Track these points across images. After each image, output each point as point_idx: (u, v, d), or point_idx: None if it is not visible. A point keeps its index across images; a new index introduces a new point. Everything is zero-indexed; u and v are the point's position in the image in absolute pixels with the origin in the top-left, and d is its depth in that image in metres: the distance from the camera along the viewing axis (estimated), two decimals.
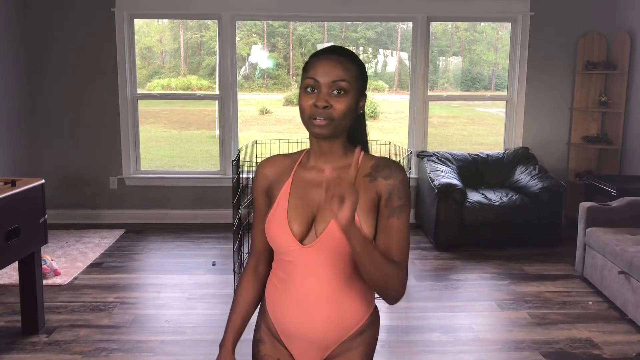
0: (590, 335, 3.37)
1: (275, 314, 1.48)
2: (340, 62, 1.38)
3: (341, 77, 1.36)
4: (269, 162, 1.52)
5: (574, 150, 5.71)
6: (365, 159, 1.45)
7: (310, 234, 1.40)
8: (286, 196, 1.43)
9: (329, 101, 1.36)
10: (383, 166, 1.42)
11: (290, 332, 1.45)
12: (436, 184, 4.92)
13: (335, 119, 1.37)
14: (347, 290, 1.42)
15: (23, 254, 3.15)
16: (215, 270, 4.41)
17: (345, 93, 1.37)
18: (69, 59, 5.47)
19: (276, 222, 1.42)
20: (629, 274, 3.49)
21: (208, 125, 10.48)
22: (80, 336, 3.31)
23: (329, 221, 1.37)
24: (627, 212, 4.12)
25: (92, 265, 4.50)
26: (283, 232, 1.40)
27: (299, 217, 1.40)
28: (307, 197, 1.42)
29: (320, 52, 1.41)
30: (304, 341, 1.44)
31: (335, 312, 1.42)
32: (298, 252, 1.40)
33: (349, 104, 1.38)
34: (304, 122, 1.40)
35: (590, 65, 5.50)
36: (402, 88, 10.72)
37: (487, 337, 3.38)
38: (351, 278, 1.42)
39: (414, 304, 3.82)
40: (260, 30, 9.91)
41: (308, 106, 1.37)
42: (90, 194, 5.68)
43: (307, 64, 1.41)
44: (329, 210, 1.26)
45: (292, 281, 1.43)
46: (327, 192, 1.20)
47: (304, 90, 1.39)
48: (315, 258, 1.39)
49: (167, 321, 3.54)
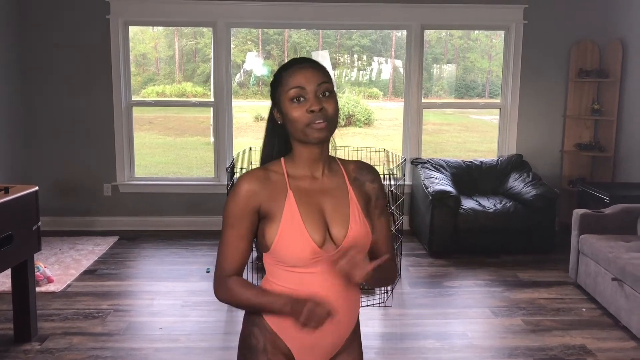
0: (584, 342, 3.38)
1: (288, 329, 1.43)
2: (315, 67, 1.42)
3: (324, 79, 1.41)
4: (252, 177, 1.43)
5: (567, 158, 5.74)
6: (344, 163, 1.53)
7: (327, 241, 1.42)
8: (295, 209, 1.40)
9: (322, 103, 1.39)
10: (366, 170, 1.54)
11: (307, 343, 1.45)
12: (430, 191, 4.93)
13: (330, 119, 1.40)
14: (353, 293, 1.49)
15: (16, 261, 3.13)
16: (209, 277, 4.40)
17: (331, 94, 1.42)
18: (64, 65, 5.47)
19: (295, 236, 1.38)
20: (622, 281, 3.51)
21: (203, 132, 10.46)
22: (74, 344, 3.29)
23: (347, 225, 1.42)
24: (620, 219, 4.14)
25: (86, 272, 4.48)
26: (306, 245, 1.38)
27: (315, 227, 1.41)
28: (315, 206, 1.43)
29: (290, 65, 1.43)
30: (319, 348, 1.46)
31: (349, 316, 1.49)
32: (322, 262, 1.40)
33: (336, 104, 1.43)
34: (298, 132, 1.39)
35: (583, 73, 5.54)
36: (397, 95, 10.75)
37: (481, 344, 3.38)
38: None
39: (408, 311, 3.82)
40: (255, 37, 9.93)
41: (302, 114, 1.38)
42: (84, 200, 5.66)
43: (279, 78, 1.42)
44: (340, 216, 1.43)
45: (311, 292, 1.39)
46: (342, 262, 1.35)
47: (290, 102, 1.39)
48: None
49: (161, 329, 3.52)
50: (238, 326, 3.60)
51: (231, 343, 3.32)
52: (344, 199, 1.46)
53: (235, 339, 3.46)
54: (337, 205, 1.44)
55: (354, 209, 1.45)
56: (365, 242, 1.45)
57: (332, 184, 1.47)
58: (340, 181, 1.48)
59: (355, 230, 1.43)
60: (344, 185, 1.48)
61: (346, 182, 1.48)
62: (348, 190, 1.47)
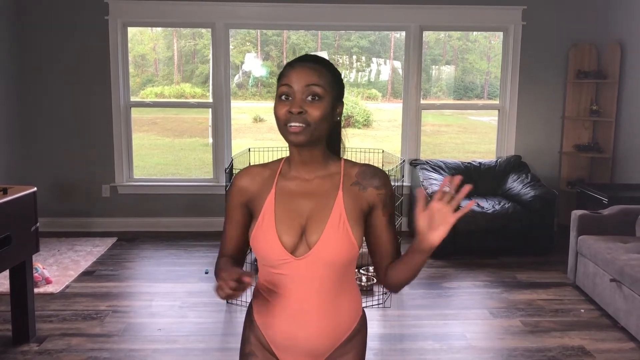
0: (583, 343, 3.38)
1: (266, 326, 1.46)
2: (313, 68, 1.37)
3: (314, 82, 1.35)
4: (246, 173, 1.48)
5: (566, 159, 5.74)
6: (348, 166, 1.46)
7: (301, 245, 1.38)
8: (272, 208, 1.40)
9: (304, 107, 1.34)
10: (370, 175, 1.45)
11: (284, 344, 1.44)
12: (429, 192, 4.93)
13: (311, 124, 1.35)
14: (339, 299, 1.43)
15: (14, 262, 3.13)
16: (207, 278, 4.40)
17: (320, 99, 1.36)
18: (62, 66, 5.47)
19: (265, 235, 1.38)
20: (621, 282, 3.51)
21: (201, 133, 10.46)
22: (72, 345, 3.29)
23: (321, 231, 1.37)
24: (619, 220, 4.14)
25: (84, 273, 4.47)
26: (274, 246, 1.37)
27: (288, 228, 1.38)
28: (294, 208, 1.40)
29: (294, 61, 1.41)
30: (298, 352, 1.44)
31: (329, 321, 1.42)
32: (291, 264, 1.38)
33: (324, 110, 1.36)
34: (280, 130, 1.39)
35: (582, 74, 5.55)
36: (395, 96, 10.76)
37: (480, 345, 3.38)
38: (342, 286, 1.44)
39: (407, 312, 3.82)
40: (254, 38, 9.94)
41: (283, 113, 1.35)
42: (83, 202, 5.65)
43: (281, 74, 1.40)
44: (318, 221, 1.35)
45: (283, 293, 1.41)
46: (430, 209, 1.28)
47: (278, 98, 1.38)
48: (308, 269, 1.38)
49: (160, 330, 3.52)
50: (236, 327, 3.60)
51: (229, 344, 3.32)
52: (329, 204, 1.39)
53: (233, 340, 3.47)
54: (318, 210, 1.39)
55: (336, 214, 1.38)
56: (342, 251, 1.37)
57: (321, 188, 1.42)
58: (333, 185, 1.42)
59: (331, 238, 1.36)
60: (335, 189, 1.41)
61: (339, 186, 1.41)
62: (337, 195, 1.40)
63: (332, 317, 1.43)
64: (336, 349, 1.46)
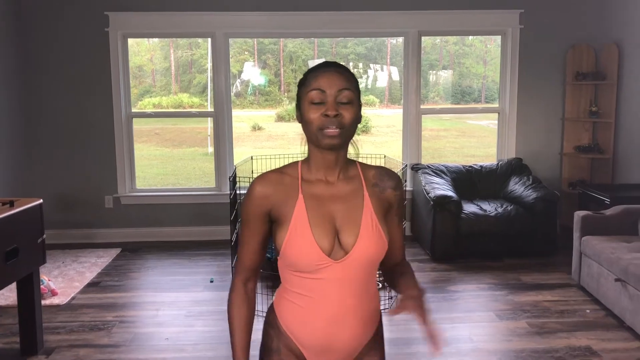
0: (589, 343, 3.39)
1: (299, 332, 1.46)
2: (341, 72, 1.41)
3: (346, 86, 1.39)
4: (265, 180, 1.46)
5: (567, 160, 5.77)
6: (364, 168, 1.51)
7: (336, 249, 1.41)
8: (304, 214, 1.40)
9: (339, 110, 1.38)
10: (387, 177, 1.52)
11: (318, 348, 1.46)
12: (431, 196, 4.95)
13: (345, 126, 1.39)
14: (369, 298, 1.48)
15: (22, 274, 3.14)
16: (212, 287, 4.41)
17: (351, 102, 1.40)
18: (63, 78, 5.49)
19: (301, 241, 1.39)
20: (626, 282, 3.52)
21: (200, 142, 10.49)
22: (80, 356, 3.29)
23: (356, 233, 1.41)
24: (621, 220, 4.16)
25: (90, 284, 4.48)
26: (312, 251, 1.38)
27: (323, 232, 1.40)
28: (326, 212, 1.42)
29: (318, 67, 1.44)
30: (333, 354, 1.47)
31: (362, 320, 1.47)
32: (329, 268, 1.40)
33: (355, 113, 1.41)
34: (312, 134, 1.40)
35: (580, 76, 5.58)
36: (393, 102, 10.80)
37: (487, 348, 3.39)
38: (371, 286, 1.49)
39: (413, 316, 3.82)
40: (251, 47, 9.97)
41: (317, 117, 1.38)
42: (86, 213, 5.66)
43: (305, 79, 1.43)
44: (350, 223, 1.41)
45: (319, 297, 1.42)
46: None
47: (309, 104, 1.40)
48: (345, 271, 1.41)
49: (167, 339, 3.52)
50: (253, 335, 3.61)
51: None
52: (358, 206, 1.44)
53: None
54: (349, 212, 1.43)
55: (367, 216, 1.43)
56: (378, 251, 1.43)
57: (347, 190, 1.45)
58: (357, 187, 1.46)
59: (366, 238, 1.41)
60: (360, 191, 1.46)
61: (363, 188, 1.46)
62: (364, 196, 1.45)
63: (365, 316, 1.47)
64: (364, 347, 1.50)
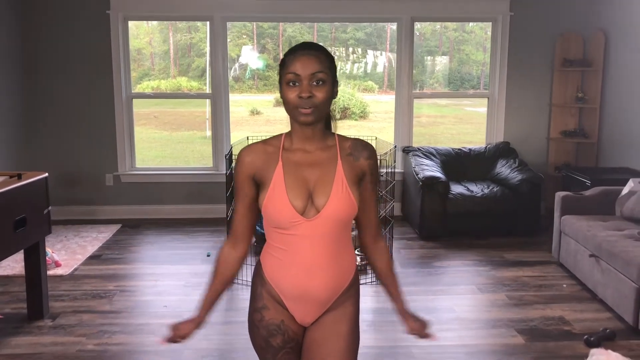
0: (563, 314, 3.60)
1: (278, 280, 1.67)
2: (315, 55, 1.59)
3: (319, 69, 1.57)
4: (251, 150, 1.66)
5: (553, 144, 5.95)
6: (341, 140, 1.70)
7: (309, 208, 1.60)
8: (281, 177, 1.61)
9: (312, 91, 1.57)
10: (362, 147, 1.70)
11: (295, 294, 1.66)
12: (420, 177, 5.14)
13: (318, 106, 1.58)
14: (340, 253, 1.68)
15: (29, 242, 3.34)
16: (210, 260, 4.60)
17: (324, 83, 1.58)
18: (65, 60, 5.65)
19: (277, 201, 1.60)
20: (599, 257, 3.73)
21: (199, 126, 10.63)
22: (84, 320, 3.50)
23: (327, 195, 1.60)
24: (600, 200, 4.36)
25: (91, 257, 4.68)
26: (286, 209, 1.59)
27: (297, 194, 1.60)
28: (301, 177, 1.62)
29: (295, 49, 1.62)
30: (307, 301, 1.66)
31: (334, 272, 1.66)
32: (302, 225, 1.60)
33: (328, 92, 1.60)
34: (289, 112, 1.61)
35: (568, 62, 5.75)
36: (392, 88, 10.90)
37: (467, 317, 3.60)
38: (343, 242, 1.68)
39: None
40: (250, 31, 10.08)
41: (293, 97, 1.57)
42: (87, 190, 5.85)
43: (283, 61, 1.62)
44: (323, 186, 1.61)
45: (294, 251, 1.63)
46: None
47: (286, 84, 1.59)
48: (317, 229, 1.61)
49: (166, 306, 3.73)
50: (238, 303, 3.81)
51: (232, 318, 3.53)
52: (331, 171, 1.62)
53: (235, 315, 3.68)
54: (322, 177, 1.61)
55: (339, 180, 1.61)
56: (347, 211, 1.61)
57: (323, 158, 1.65)
58: (332, 155, 1.64)
59: (336, 200, 1.59)
60: (335, 159, 1.64)
61: (338, 156, 1.65)
62: (337, 163, 1.65)
63: (336, 269, 1.67)
64: (338, 297, 1.70)
